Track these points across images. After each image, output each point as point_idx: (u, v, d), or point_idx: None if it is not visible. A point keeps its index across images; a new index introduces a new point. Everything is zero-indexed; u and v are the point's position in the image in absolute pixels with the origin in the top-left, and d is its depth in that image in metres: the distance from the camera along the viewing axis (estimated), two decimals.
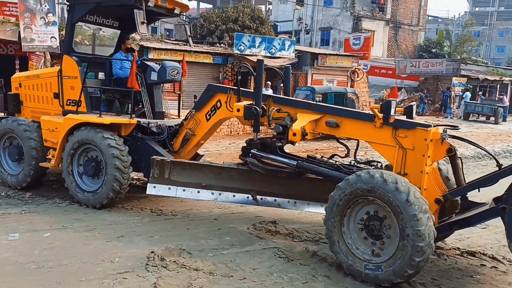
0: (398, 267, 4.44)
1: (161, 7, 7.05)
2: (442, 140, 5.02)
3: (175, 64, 7.62)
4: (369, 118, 5.33)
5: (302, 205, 6.39)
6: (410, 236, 4.35)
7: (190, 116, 6.97)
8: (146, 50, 16.48)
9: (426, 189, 4.99)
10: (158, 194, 6.51)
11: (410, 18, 40.03)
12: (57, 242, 5.39)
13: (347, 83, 22.45)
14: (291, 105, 6.01)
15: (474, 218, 4.99)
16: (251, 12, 26.04)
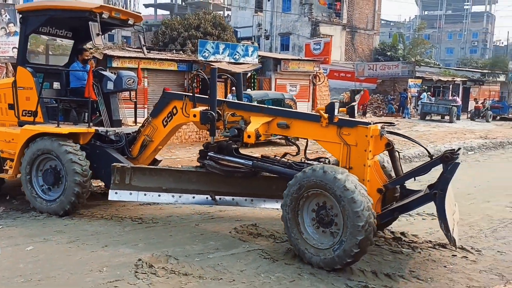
0: (346, 248, 4.91)
1: (115, 18, 7.21)
2: (381, 136, 5.54)
3: (131, 73, 7.85)
4: (316, 119, 5.80)
5: (258, 202, 6.82)
6: (351, 218, 4.86)
7: (147, 123, 7.20)
8: (110, 58, 16.29)
9: (369, 181, 5.49)
10: (120, 199, 6.76)
11: (365, 22, 41.29)
12: (41, 254, 5.34)
13: (309, 87, 22.93)
14: (244, 109, 6.40)
15: (412, 204, 5.55)
16: (213, 19, 26.16)
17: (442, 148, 15.09)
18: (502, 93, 36.39)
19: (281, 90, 21.63)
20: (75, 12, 7.02)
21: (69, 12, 7.09)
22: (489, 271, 5.33)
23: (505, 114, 29.32)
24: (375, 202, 5.39)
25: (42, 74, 7.23)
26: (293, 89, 22.51)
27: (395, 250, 5.88)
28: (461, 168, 12.58)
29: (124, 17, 7.38)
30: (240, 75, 7.53)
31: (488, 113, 27.95)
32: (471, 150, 15.76)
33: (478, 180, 10.86)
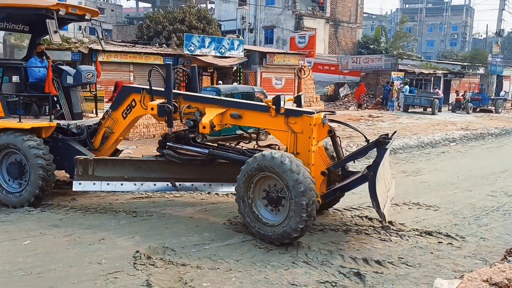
0: (293, 224, 5.47)
1: (72, 14, 7.44)
2: (323, 124, 6.14)
3: (90, 68, 8.15)
4: (265, 109, 6.32)
5: (216, 187, 7.32)
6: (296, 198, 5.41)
7: (108, 116, 7.52)
8: (95, 53, 16.18)
9: (314, 164, 6.04)
10: (84, 189, 7.09)
11: (348, 16, 41.56)
12: (40, 248, 5.41)
13: (294, 80, 23.10)
14: (199, 101, 6.84)
15: (351, 184, 6.17)
16: (197, 12, 26.08)
17: (425, 139, 15.46)
18: (482, 85, 37.12)
19: (266, 83, 21.76)
20: (32, 9, 7.22)
21: (26, 9, 7.28)
22: (473, 256, 5.59)
23: (485, 106, 29.92)
24: (320, 183, 6.00)
25: (1, 69, 7.40)
26: (279, 82, 22.65)
27: (384, 238, 6.11)
28: (444, 159, 12.93)
29: (81, 12, 7.64)
30: (195, 68, 7.83)
31: (468, 105, 28.51)
32: (453, 141, 16.14)
33: (461, 170, 11.20)
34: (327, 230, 6.34)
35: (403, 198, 8.20)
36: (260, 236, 5.80)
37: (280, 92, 22.46)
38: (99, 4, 56.76)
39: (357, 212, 7.22)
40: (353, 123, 20.19)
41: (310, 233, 6.14)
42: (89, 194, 7.86)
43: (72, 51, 15.69)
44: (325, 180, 6.21)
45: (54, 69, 7.56)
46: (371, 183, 5.55)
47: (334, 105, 29.49)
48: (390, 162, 12.07)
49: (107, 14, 56.37)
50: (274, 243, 5.66)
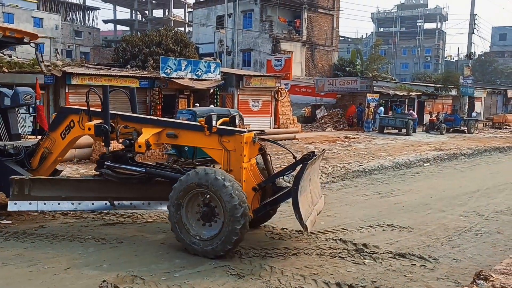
0: (227, 237, 5.78)
1: (10, 37, 7.57)
2: (254, 142, 6.43)
3: (28, 89, 8.17)
4: (200, 129, 6.57)
5: (155, 205, 7.39)
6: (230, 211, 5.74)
7: (46, 136, 7.59)
8: (69, 76, 16.00)
9: (245, 181, 6.30)
10: (20, 209, 7.08)
11: (324, 39, 42.29)
12: (0, 280, 5.17)
13: (271, 103, 23.23)
14: (136, 122, 7.03)
15: (279, 198, 6.51)
16: (174, 35, 26.16)
17: (400, 160, 15.63)
18: (454, 106, 37.94)
19: (244, 105, 21.83)
20: None
21: None
22: (446, 279, 5.58)
23: (458, 126, 30.54)
24: (251, 198, 6.29)
25: None
26: (256, 104, 22.75)
27: (358, 261, 6.06)
28: (418, 179, 13.05)
29: (19, 35, 7.76)
30: (134, 89, 8.00)
31: (442, 125, 29.06)
32: (427, 162, 16.35)
33: (434, 190, 11.31)
34: (301, 254, 6.26)
35: (377, 219, 8.21)
36: (194, 251, 6.00)
37: (258, 114, 22.57)
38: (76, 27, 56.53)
39: (332, 235, 7.17)
40: (329, 144, 20.34)
41: (283, 258, 6.06)
42: (58, 222, 7.64)
43: (45, 75, 15.47)
44: (258, 196, 6.50)
45: None
46: (294, 196, 5.85)
47: (311, 127, 29.71)
48: (365, 183, 12.17)
49: (84, 37, 56.12)
50: (209, 256, 5.90)
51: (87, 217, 7.98)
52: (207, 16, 42.45)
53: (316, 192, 7.03)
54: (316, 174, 7.35)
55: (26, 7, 48.11)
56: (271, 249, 6.36)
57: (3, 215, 7.79)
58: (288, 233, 7.19)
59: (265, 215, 7.11)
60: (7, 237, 6.71)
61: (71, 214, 8.08)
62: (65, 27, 53.05)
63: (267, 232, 7.24)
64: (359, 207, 9.40)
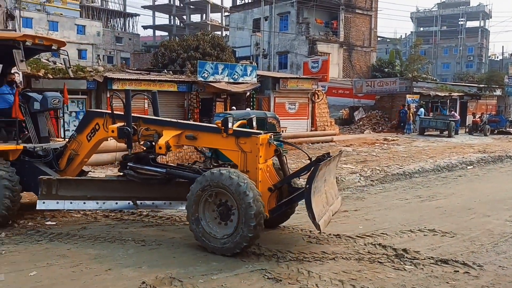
0: (243, 235, 5.95)
1: (39, 45, 7.86)
2: (269, 143, 6.60)
3: (56, 94, 8.45)
4: (218, 131, 6.76)
5: (176, 205, 7.59)
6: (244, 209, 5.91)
7: (73, 139, 7.88)
8: (110, 81, 16.46)
9: (261, 181, 6.45)
10: (48, 208, 7.44)
11: (362, 40, 41.74)
12: (45, 280, 5.35)
13: (308, 105, 23.08)
14: (157, 124, 7.27)
15: (294, 198, 6.65)
16: (211, 39, 26.47)
17: (442, 163, 15.17)
18: (499, 107, 36.58)
19: (280, 108, 21.79)
20: (0, 41, 7.65)
21: None
22: (491, 286, 5.35)
23: (503, 128, 29.38)
24: (267, 198, 6.44)
25: None
26: (292, 107, 22.66)
27: (398, 267, 5.90)
28: (461, 183, 12.65)
29: (48, 43, 8.05)
30: (156, 93, 8.12)
31: (486, 127, 28.04)
32: (470, 165, 15.80)
33: (478, 194, 10.90)
34: (339, 259, 6.16)
35: (418, 224, 7.99)
36: (212, 249, 6.20)
37: (294, 116, 22.49)
38: (117, 33, 58.16)
39: (370, 240, 7.02)
40: (368, 146, 20.01)
41: (321, 262, 5.99)
42: (99, 223, 7.85)
43: (87, 80, 15.97)
44: (274, 196, 6.62)
45: (22, 96, 7.97)
46: (307, 196, 5.99)
47: (349, 129, 29.34)
48: (405, 186, 11.88)
49: (124, 43, 57.67)
50: (226, 254, 6.09)
51: (127, 219, 8.16)
52: (243, 20, 42.75)
53: (332, 193, 7.11)
54: (332, 175, 7.37)
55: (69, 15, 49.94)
56: (308, 253, 6.30)
57: (48, 216, 8.09)
58: (326, 237, 7.09)
59: (283, 215, 7.24)
60: (52, 238, 6.95)
61: (112, 216, 8.30)
62: (107, 34, 54.74)
63: (304, 235, 7.18)
64: (399, 211, 9.18)
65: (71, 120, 15.51)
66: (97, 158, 12.72)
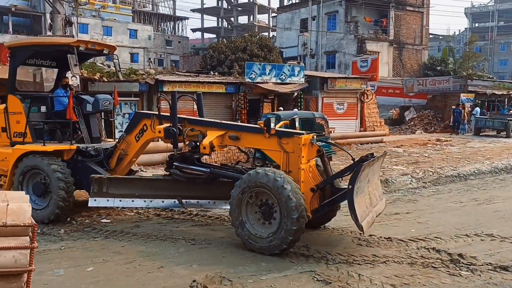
0: (283, 236, 5.99)
1: (91, 50, 8.24)
2: (312, 144, 6.59)
3: (107, 96, 8.78)
4: (260, 131, 6.85)
5: (220, 204, 7.69)
6: (287, 212, 5.93)
7: (122, 139, 8.15)
8: (161, 83, 16.90)
9: (303, 182, 6.46)
10: (99, 205, 7.83)
11: (413, 37, 40.56)
12: (101, 276, 5.56)
13: (357, 105, 22.70)
14: (201, 125, 7.46)
15: (336, 199, 6.62)
16: (259, 40, 26.60)
17: (499, 164, 14.47)
18: None
19: (328, 108, 21.57)
20: (55, 46, 8.25)
21: (50, 46, 8.36)
22: None
23: None
24: (310, 199, 6.45)
25: (30, 100, 8.22)
26: (340, 107, 22.38)
27: (453, 273, 5.68)
28: None
29: (99, 48, 8.43)
30: (201, 95, 8.38)
31: None
32: None
33: None
34: (391, 263, 6.01)
35: (474, 228, 7.65)
36: (251, 247, 6.29)
37: (343, 117, 22.19)
38: (167, 36, 59.62)
39: (423, 244, 6.80)
40: (419, 147, 19.41)
41: (372, 266, 5.87)
42: (152, 222, 8.07)
43: (139, 83, 16.47)
44: (316, 197, 6.62)
45: (75, 98, 8.34)
46: (349, 196, 5.94)
47: (399, 129, 28.60)
48: (460, 189, 11.42)
49: (174, 46, 59.01)
50: (265, 253, 6.17)
51: (177, 218, 8.35)
52: (291, 20, 42.65)
53: (376, 194, 7.03)
54: (376, 176, 7.24)
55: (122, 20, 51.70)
56: (358, 256, 6.19)
57: (103, 215, 8.41)
58: (376, 240, 6.94)
59: (326, 216, 7.22)
60: (107, 235, 7.22)
61: (163, 215, 8.51)
62: (157, 37, 56.22)
63: (354, 238, 7.06)
64: (453, 214, 8.83)
65: (124, 121, 16.05)
66: (149, 158, 13.11)
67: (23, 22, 45.87)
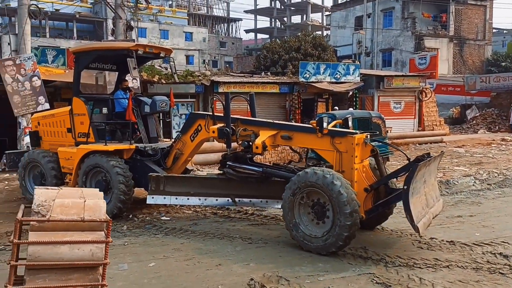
0: (338, 233, 5.96)
1: (149, 53, 8.55)
2: (365, 143, 6.50)
3: (164, 98, 9.08)
4: (313, 131, 6.84)
5: (272, 203, 7.76)
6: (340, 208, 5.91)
7: (178, 139, 8.43)
8: (216, 84, 17.19)
9: (357, 182, 6.38)
10: (156, 203, 8.10)
11: (475, 32, 38.76)
12: (163, 271, 5.74)
13: (415, 104, 21.99)
14: (254, 125, 7.53)
15: (391, 200, 6.50)
16: (313, 40, 26.42)
17: None
18: None
19: (384, 107, 21.08)
20: (116, 51, 8.65)
21: (112, 51, 8.81)
22: None
23: None
24: (363, 199, 6.36)
25: (92, 102, 8.57)
26: (397, 106, 21.79)
27: None
28: None
29: (157, 51, 8.73)
30: (253, 95, 8.46)
31: None
32: None
33: None
34: (454, 267, 5.77)
35: None
36: (316, 250, 6.21)
37: (400, 116, 21.59)
38: (221, 38, 60.54)
39: (489, 248, 6.47)
40: (483, 147, 18.52)
41: (433, 270, 5.67)
42: (209, 220, 8.24)
43: (195, 84, 16.85)
44: (370, 197, 6.50)
45: (134, 100, 8.62)
46: (404, 197, 5.83)
47: (460, 128, 27.43)
48: None
49: (228, 47, 59.80)
50: (321, 253, 6.14)
51: (234, 216, 8.46)
52: (345, 18, 42.03)
53: (432, 195, 6.85)
54: (433, 177, 6.99)
55: (178, 24, 53.07)
56: (419, 259, 6.00)
57: (163, 212, 8.68)
58: (438, 243, 6.69)
59: (381, 216, 7.08)
60: (167, 232, 7.44)
61: (220, 214, 8.66)
62: (211, 39, 57.19)
63: (414, 241, 6.85)
64: None
65: (181, 122, 16.48)
66: (204, 158, 13.40)
67: (86, 28, 48.22)
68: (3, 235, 7.36)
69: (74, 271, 3.53)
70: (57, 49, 16.67)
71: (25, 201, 9.40)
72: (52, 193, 3.72)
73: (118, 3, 15.01)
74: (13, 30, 23.15)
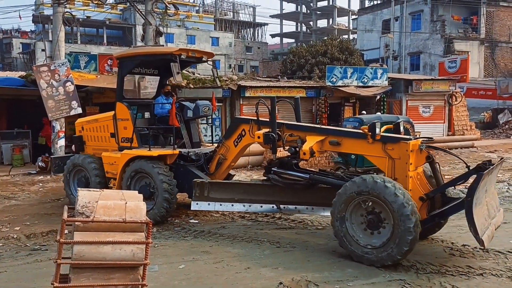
0: (398, 247, 5.62)
1: (191, 57, 8.53)
2: (421, 150, 6.25)
3: (206, 102, 9.00)
4: (363, 136, 6.54)
5: (318, 210, 7.53)
6: (401, 221, 5.57)
7: (221, 144, 8.32)
8: (243, 89, 17.28)
9: (411, 190, 6.10)
10: (200, 209, 8.02)
11: (507, 35, 37.76)
12: (192, 273, 5.80)
13: (445, 108, 21.58)
14: (300, 130, 7.31)
15: (449, 210, 6.18)
16: (339, 43, 26.28)
17: None
18: None
19: (413, 111, 20.76)
20: (160, 55, 8.62)
21: (155, 56, 8.75)
22: None
23: None
24: (418, 209, 5.92)
25: (136, 107, 8.60)
26: (426, 110, 21.43)
27: None
28: None
29: (199, 55, 8.73)
30: (298, 99, 8.24)
31: None
32: None
33: None
34: (488, 275, 5.64)
35: None
36: (350, 252, 6.06)
37: (429, 120, 21.22)
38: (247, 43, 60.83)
39: None
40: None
41: (466, 278, 5.55)
42: (237, 223, 8.28)
43: (222, 88, 16.98)
44: (425, 206, 6.23)
45: (177, 105, 8.62)
46: (468, 208, 5.49)
47: (492, 133, 26.75)
48: None
49: (253, 52, 60.03)
50: (375, 265, 5.82)
51: (261, 220, 8.48)
52: (372, 22, 41.64)
53: (493, 205, 6.51)
54: (493, 185, 6.70)
55: (205, 29, 53.63)
56: (451, 267, 5.88)
57: (191, 215, 8.77)
58: (471, 251, 6.55)
59: (435, 226, 6.81)
60: (196, 235, 7.52)
61: (247, 217, 8.69)
62: (237, 44, 57.52)
63: (446, 247, 6.72)
64: None
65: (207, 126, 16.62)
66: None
67: (116, 34, 49.22)
68: (38, 236, 7.58)
69: (116, 271, 3.63)
70: (89, 55, 17.10)
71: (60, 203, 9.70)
72: (95, 195, 3.82)
73: (148, 10, 15.29)
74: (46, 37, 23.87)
